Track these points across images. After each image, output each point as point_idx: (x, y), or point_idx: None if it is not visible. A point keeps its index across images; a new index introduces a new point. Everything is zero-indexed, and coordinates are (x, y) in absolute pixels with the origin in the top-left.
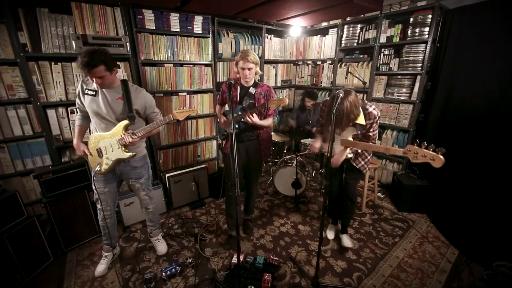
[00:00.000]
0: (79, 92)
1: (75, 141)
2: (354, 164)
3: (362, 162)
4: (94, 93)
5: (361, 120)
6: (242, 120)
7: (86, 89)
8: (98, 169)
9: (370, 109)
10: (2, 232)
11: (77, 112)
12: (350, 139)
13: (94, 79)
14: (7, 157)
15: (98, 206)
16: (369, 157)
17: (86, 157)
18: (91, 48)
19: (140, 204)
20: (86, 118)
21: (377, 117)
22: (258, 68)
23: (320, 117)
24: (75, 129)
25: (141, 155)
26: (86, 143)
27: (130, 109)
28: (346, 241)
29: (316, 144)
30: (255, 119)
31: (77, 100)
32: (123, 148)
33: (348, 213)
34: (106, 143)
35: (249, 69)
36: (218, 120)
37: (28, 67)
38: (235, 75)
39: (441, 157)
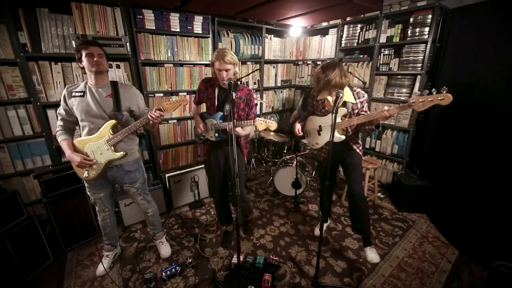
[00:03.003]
0: (64, 98)
1: (67, 153)
2: (355, 147)
3: (360, 147)
4: (82, 93)
5: (350, 98)
6: (223, 129)
7: (72, 91)
8: (86, 176)
9: (358, 89)
10: (2, 232)
11: (59, 126)
12: (339, 119)
13: (94, 58)
14: (7, 157)
15: (97, 209)
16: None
17: (87, 166)
18: None
19: (139, 208)
20: (69, 131)
21: (365, 96)
22: (237, 69)
23: (309, 104)
24: (61, 144)
25: (134, 158)
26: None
27: (118, 108)
28: (371, 255)
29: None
30: (237, 130)
31: (61, 110)
32: (113, 148)
33: (363, 217)
34: (93, 147)
35: (226, 70)
36: (195, 122)
37: (28, 67)
38: (212, 75)
39: (449, 94)
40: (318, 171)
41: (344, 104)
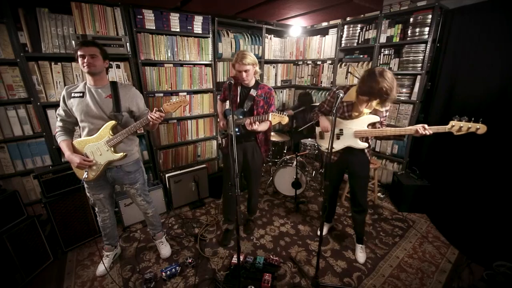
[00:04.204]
0: (63, 98)
1: (67, 154)
2: (366, 151)
3: (370, 150)
4: (81, 94)
5: (378, 106)
6: (243, 124)
7: (72, 92)
8: (86, 177)
9: None
10: (2, 232)
11: (58, 127)
12: (365, 127)
13: (85, 60)
14: (7, 157)
15: (96, 210)
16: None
17: (87, 167)
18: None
19: (139, 209)
20: (69, 131)
21: (390, 106)
22: (257, 68)
23: (327, 102)
24: (60, 144)
25: (133, 158)
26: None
27: (118, 108)
28: (359, 255)
29: (324, 122)
30: (255, 126)
31: (60, 111)
32: (112, 149)
33: (362, 225)
34: (92, 148)
35: (245, 71)
36: (219, 119)
37: (28, 67)
38: (235, 73)
39: (484, 125)
40: (325, 171)
41: (376, 112)
